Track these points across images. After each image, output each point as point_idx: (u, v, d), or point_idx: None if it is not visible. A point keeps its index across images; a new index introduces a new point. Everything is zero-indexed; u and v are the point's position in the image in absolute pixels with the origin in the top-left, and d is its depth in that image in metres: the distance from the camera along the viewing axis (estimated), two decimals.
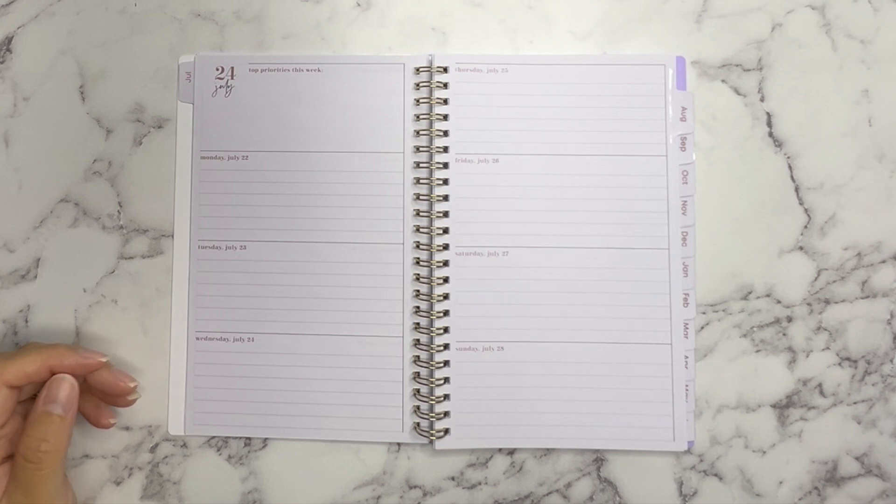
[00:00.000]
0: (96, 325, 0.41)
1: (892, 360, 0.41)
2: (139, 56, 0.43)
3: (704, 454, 0.41)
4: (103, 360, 0.37)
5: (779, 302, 0.41)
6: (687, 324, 0.40)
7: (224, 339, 0.41)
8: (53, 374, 0.36)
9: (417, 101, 0.41)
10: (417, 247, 0.41)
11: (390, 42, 0.42)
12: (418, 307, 0.40)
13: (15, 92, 0.43)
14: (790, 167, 0.42)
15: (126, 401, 0.38)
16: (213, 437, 0.41)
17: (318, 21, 0.43)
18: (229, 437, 0.41)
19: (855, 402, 0.41)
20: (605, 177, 0.41)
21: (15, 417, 0.36)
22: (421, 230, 0.41)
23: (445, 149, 0.41)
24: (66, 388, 0.36)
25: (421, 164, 0.41)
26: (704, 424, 0.41)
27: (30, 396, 0.37)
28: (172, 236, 0.42)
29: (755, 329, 0.41)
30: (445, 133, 0.41)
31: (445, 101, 0.41)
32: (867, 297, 0.41)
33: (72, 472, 0.41)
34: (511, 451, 0.41)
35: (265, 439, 0.41)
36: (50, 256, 0.42)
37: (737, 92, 0.42)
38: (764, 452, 0.41)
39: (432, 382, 0.40)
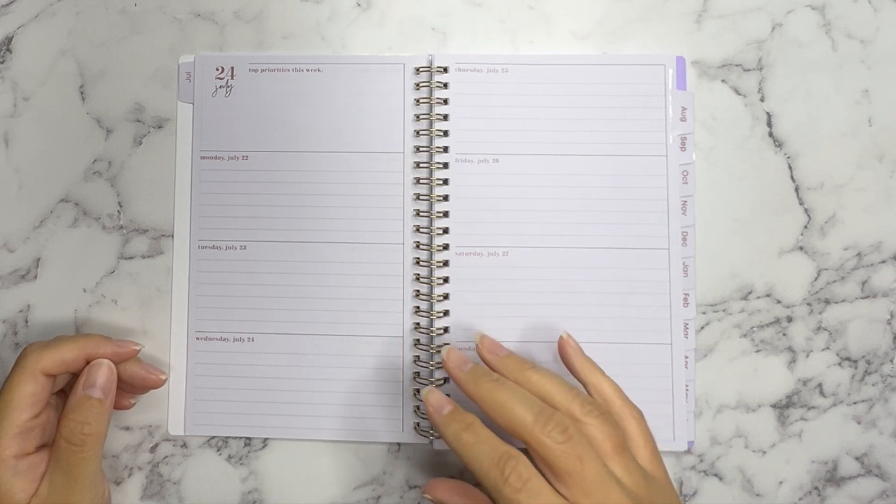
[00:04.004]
0: (96, 326, 0.41)
1: (892, 360, 0.41)
2: (139, 56, 0.43)
3: (704, 454, 0.41)
4: (137, 348, 0.38)
5: (779, 302, 0.41)
6: (687, 324, 0.40)
7: (224, 339, 0.41)
8: (89, 362, 0.37)
9: (417, 101, 0.41)
10: (417, 247, 0.41)
11: (390, 42, 0.42)
12: (418, 307, 0.40)
13: (15, 92, 0.43)
14: (790, 167, 0.42)
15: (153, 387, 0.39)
16: (213, 437, 0.41)
17: (318, 21, 0.43)
18: (229, 437, 0.41)
19: (855, 402, 0.41)
20: (605, 177, 0.41)
21: (48, 408, 0.36)
22: (421, 230, 0.41)
23: (445, 149, 0.41)
24: (104, 372, 0.36)
25: (421, 164, 0.41)
26: (704, 424, 0.41)
27: (60, 389, 0.37)
28: (172, 236, 0.42)
29: (755, 329, 0.41)
30: (445, 133, 0.41)
31: (445, 102, 0.41)
32: (867, 297, 0.41)
33: None
34: None
35: (265, 439, 0.41)
36: (50, 256, 0.42)
37: (737, 92, 0.42)
38: (764, 452, 0.41)
39: (432, 382, 0.40)
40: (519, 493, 0.30)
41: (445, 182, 0.41)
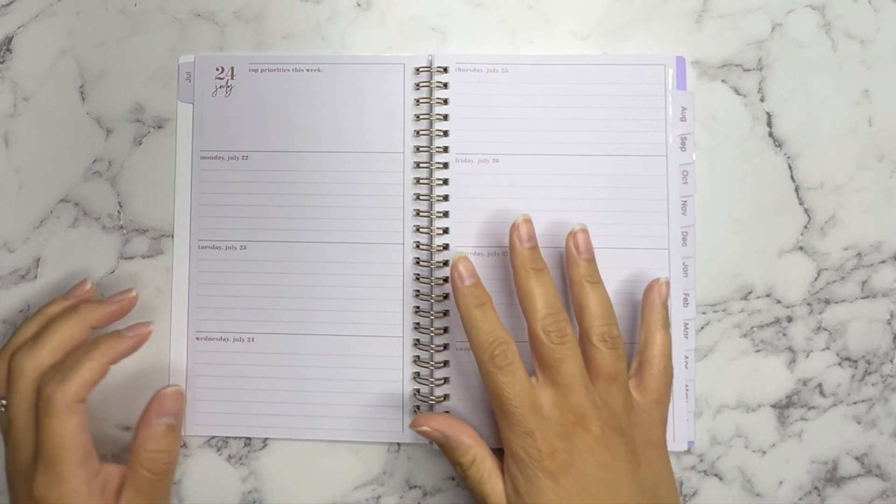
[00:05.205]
0: None
1: (892, 360, 0.41)
2: (139, 56, 0.43)
3: (704, 454, 0.41)
4: (133, 294, 0.39)
5: (779, 302, 0.41)
6: (687, 324, 0.40)
7: (224, 339, 0.41)
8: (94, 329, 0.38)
9: (417, 101, 0.41)
10: (417, 247, 0.41)
11: (390, 42, 0.42)
12: (418, 307, 0.40)
13: (15, 92, 0.43)
14: (790, 167, 0.42)
15: (139, 334, 0.38)
16: (213, 437, 0.41)
17: (318, 21, 0.43)
18: (229, 437, 0.41)
19: (855, 402, 0.41)
20: (605, 177, 0.41)
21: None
22: (421, 230, 0.41)
23: (445, 149, 0.41)
24: (173, 397, 0.37)
25: (421, 164, 0.41)
26: (704, 424, 0.41)
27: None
28: (172, 236, 0.42)
29: (755, 329, 0.41)
30: (445, 133, 0.41)
31: (445, 102, 0.41)
32: (867, 297, 0.41)
33: None
34: None
35: (265, 439, 0.41)
36: (50, 256, 0.42)
37: (737, 92, 0.42)
38: (764, 452, 0.41)
39: (432, 382, 0.40)
40: (500, 370, 0.34)
41: (445, 182, 0.41)
